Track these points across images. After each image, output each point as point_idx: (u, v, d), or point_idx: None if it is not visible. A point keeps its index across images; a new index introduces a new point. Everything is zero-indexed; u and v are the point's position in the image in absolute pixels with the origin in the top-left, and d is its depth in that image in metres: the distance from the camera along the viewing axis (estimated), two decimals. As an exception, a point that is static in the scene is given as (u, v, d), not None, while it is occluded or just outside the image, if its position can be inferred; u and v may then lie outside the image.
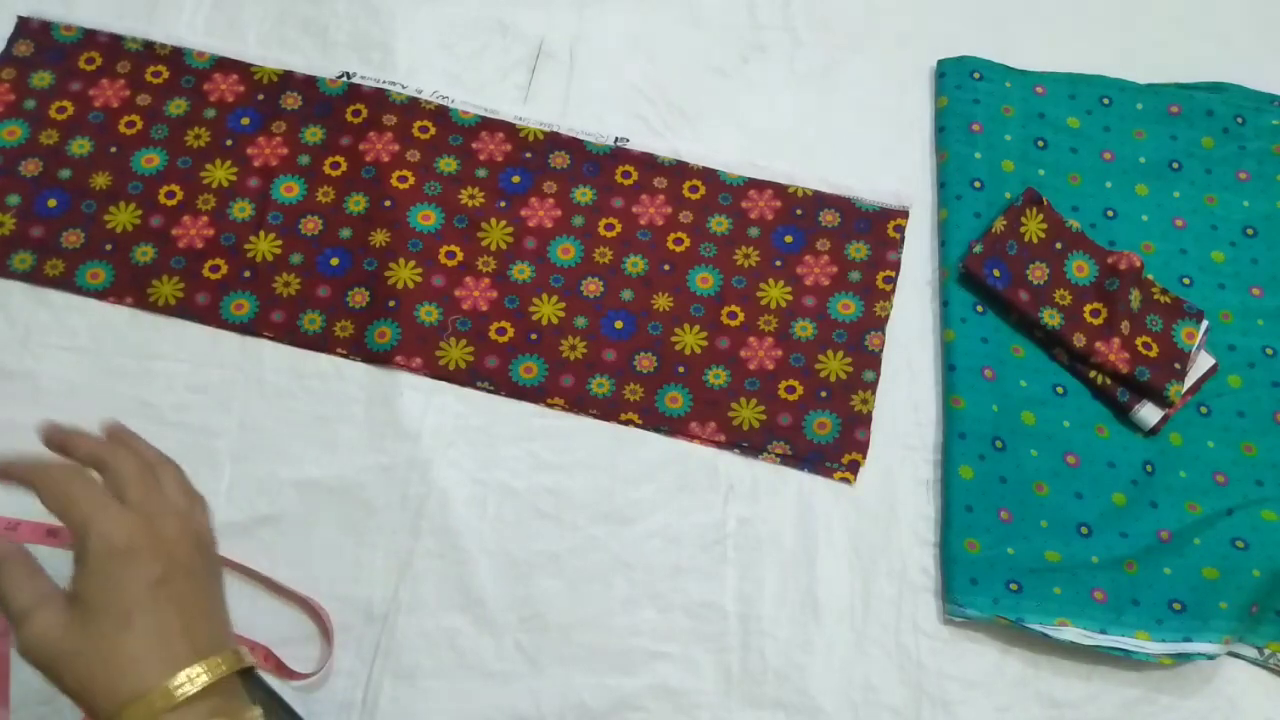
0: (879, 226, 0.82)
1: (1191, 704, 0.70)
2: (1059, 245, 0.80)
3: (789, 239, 0.81)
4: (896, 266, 0.81)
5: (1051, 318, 0.77)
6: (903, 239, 0.82)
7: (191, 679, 0.43)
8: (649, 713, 0.68)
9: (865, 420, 0.76)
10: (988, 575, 0.70)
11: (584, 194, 0.82)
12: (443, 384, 0.76)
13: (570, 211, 0.82)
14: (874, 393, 0.77)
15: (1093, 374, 0.77)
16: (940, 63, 0.88)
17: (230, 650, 0.46)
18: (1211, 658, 0.68)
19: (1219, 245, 0.83)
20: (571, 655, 0.69)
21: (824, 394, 0.77)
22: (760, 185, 0.83)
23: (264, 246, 0.79)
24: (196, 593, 0.47)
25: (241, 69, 0.85)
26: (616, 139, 0.84)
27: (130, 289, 0.77)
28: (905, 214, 0.82)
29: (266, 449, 0.73)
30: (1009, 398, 0.76)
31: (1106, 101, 0.87)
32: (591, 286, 0.79)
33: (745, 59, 0.88)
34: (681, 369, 0.77)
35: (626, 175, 0.83)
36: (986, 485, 0.73)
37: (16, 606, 0.45)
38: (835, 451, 0.75)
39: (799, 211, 0.82)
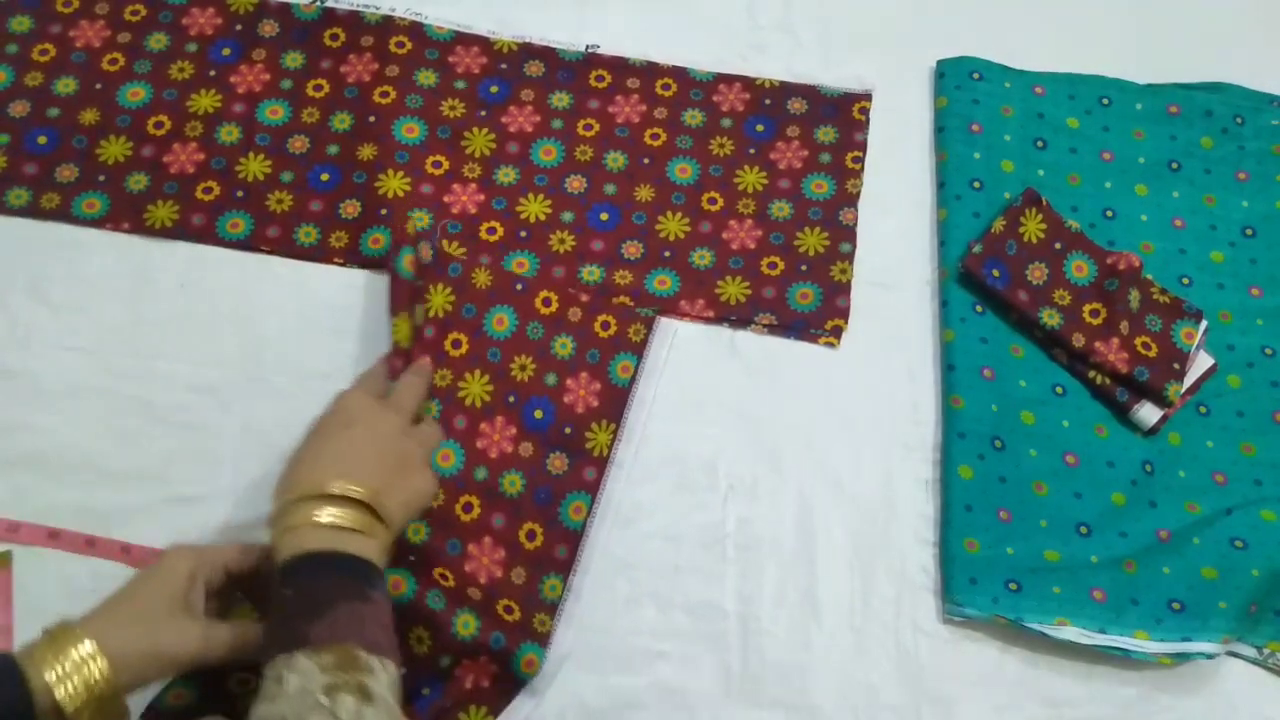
0: (844, 110, 0.86)
1: (1190, 703, 0.70)
2: (1058, 245, 0.80)
3: (760, 128, 0.85)
4: (864, 146, 0.84)
5: (1051, 318, 0.78)
6: (868, 120, 0.85)
7: (341, 489, 0.57)
8: (649, 712, 0.68)
9: (845, 288, 0.79)
10: (987, 575, 0.71)
11: (560, 99, 0.85)
12: (443, 384, 0.76)
13: (549, 116, 0.85)
14: (851, 263, 0.80)
15: (1092, 374, 0.77)
16: (940, 63, 0.88)
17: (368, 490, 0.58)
18: (1210, 657, 0.68)
19: (1218, 245, 0.83)
20: (572, 654, 0.69)
21: (804, 267, 0.80)
22: (729, 79, 0.87)
23: (254, 167, 0.81)
24: (379, 454, 0.60)
25: (217, 1, 0.87)
26: (588, 46, 0.87)
27: (126, 215, 0.79)
28: (869, 96, 0.86)
29: (268, 449, 0.73)
30: (1008, 397, 0.76)
31: (1106, 102, 0.87)
32: (575, 183, 0.82)
33: (745, 59, 0.88)
34: (667, 253, 0.80)
35: (600, 79, 0.86)
36: (986, 485, 0.73)
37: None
38: (819, 319, 0.78)
39: (767, 101, 0.86)
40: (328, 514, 0.56)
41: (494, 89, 0.85)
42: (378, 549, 0.57)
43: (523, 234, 0.81)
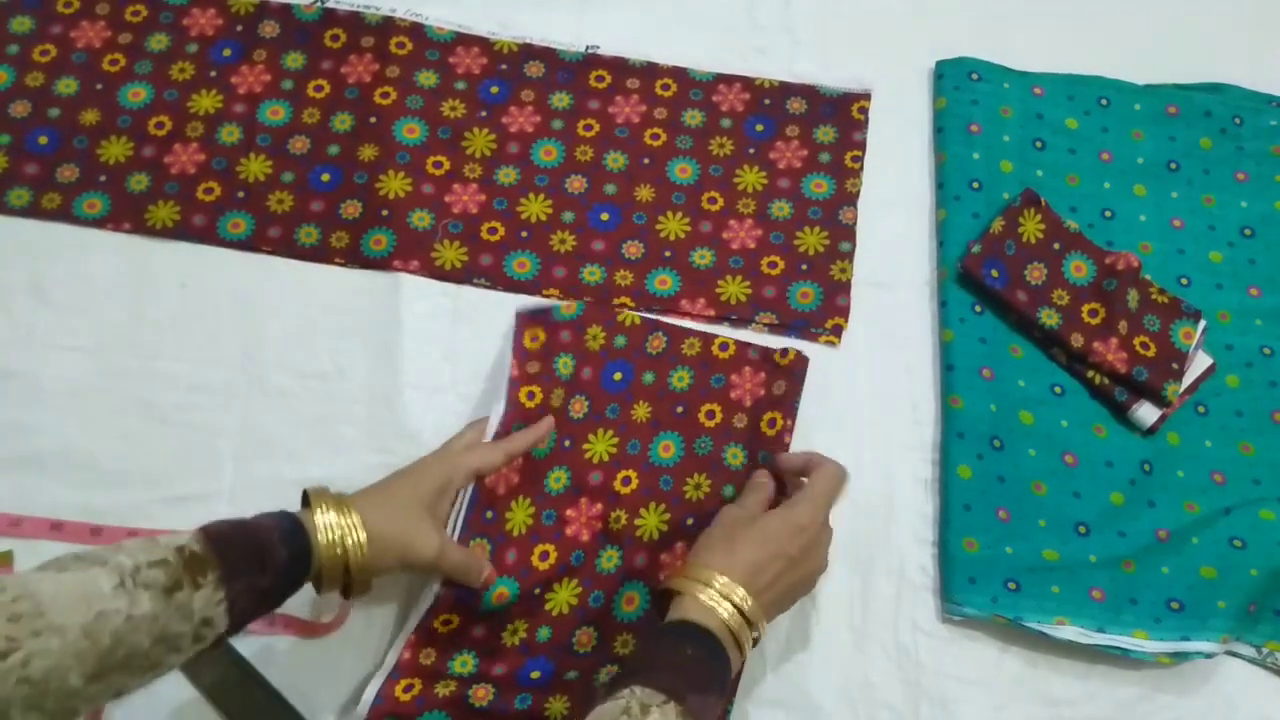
0: (843, 110, 0.86)
1: (1189, 703, 0.70)
2: (1057, 245, 0.80)
3: (760, 127, 0.85)
4: (863, 146, 0.85)
5: (1049, 318, 0.78)
6: (867, 120, 0.86)
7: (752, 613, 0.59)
8: (649, 711, 0.68)
9: (845, 287, 0.80)
10: (986, 574, 0.71)
11: (561, 99, 0.86)
12: (443, 382, 0.76)
13: (549, 116, 0.85)
14: (851, 261, 0.81)
15: (1091, 374, 0.77)
16: (939, 64, 0.88)
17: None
18: (1209, 656, 0.68)
19: (1217, 245, 0.84)
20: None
21: (804, 267, 0.80)
22: (729, 80, 0.87)
23: (255, 167, 0.81)
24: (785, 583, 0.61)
25: (218, 2, 0.87)
26: (588, 46, 0.87)
27: (128, 215, 0.79)
28: (868, 96, 0.87)
29: (269, 448, 0.73)
30: (1007, 397, 0.77)
31: (1105, 102, 0.88)
32: (575, 184, 0.83)
33: (745, 59, 0.89)
34: (668, 253, 0.81)
35: (600, 79, 0.86)
36: (985, 484, 0.73)
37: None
38: (819, 318, 0.79)
39: (767, 101, 0.86)
40: (737, 620, 0.58)
41: (494, 89, 0.86)
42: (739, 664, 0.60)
43: (523, 234, 0.81)
